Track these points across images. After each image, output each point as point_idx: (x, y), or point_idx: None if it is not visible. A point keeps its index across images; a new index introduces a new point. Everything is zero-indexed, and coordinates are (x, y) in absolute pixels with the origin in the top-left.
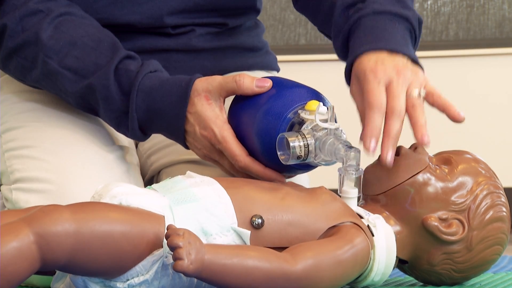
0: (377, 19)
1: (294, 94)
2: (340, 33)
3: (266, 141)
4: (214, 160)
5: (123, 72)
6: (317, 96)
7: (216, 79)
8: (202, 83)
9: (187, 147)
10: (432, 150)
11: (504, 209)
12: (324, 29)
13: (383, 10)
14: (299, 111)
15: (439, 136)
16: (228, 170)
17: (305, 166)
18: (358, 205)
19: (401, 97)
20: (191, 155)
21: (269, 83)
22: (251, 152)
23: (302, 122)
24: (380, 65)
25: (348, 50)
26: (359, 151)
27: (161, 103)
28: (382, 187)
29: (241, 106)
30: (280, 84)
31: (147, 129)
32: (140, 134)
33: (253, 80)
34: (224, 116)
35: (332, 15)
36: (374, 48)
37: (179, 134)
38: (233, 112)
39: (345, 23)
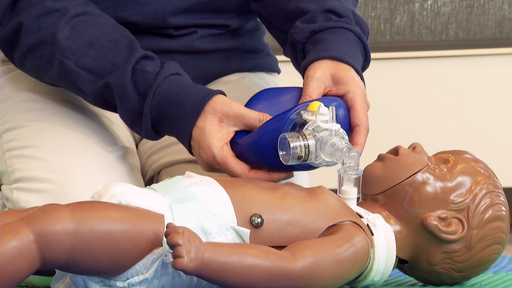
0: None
1: (296, 93)
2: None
3: (269, 141)
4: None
5: (140, 72)
6: (322, 96)
7: (239, 109)
8: (223, 106)
9: (193, 155)
10: (431, 150)
11: (503, 208)
12: (284, 28)
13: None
14: (302, 112)
15: (439, 136)
16: None
17: (308, 166)
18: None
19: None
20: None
21: None
22: (256, 153)
23: (304, 123)
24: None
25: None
26: (358, 152)
27: (174, 109)
28: (381, 186)
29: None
30: (285, 88)
31: (160, 130)
32: (153, 133)
33: None
34: (228, 139)
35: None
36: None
37: (185, 143)
38: None
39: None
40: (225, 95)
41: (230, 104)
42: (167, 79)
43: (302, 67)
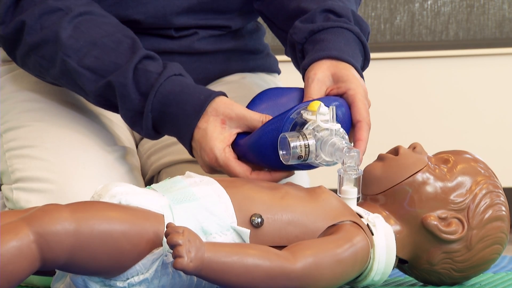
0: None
1: (298, 94)
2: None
3: (270, 141)
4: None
5: (142, 72)
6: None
7: (242, 111)
8: (226, 107)
9: (193, 156)
10: (431, 150)
11: (503, 208)
12: (285, 27)
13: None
14: (302, 111)
15: (439, 136)
16: None
17: (309, 165)
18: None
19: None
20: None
21: None
22: (256, 153)
23: (304, 122)
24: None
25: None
26: (358, 152)
27: (176, 109)
28: (381, 186)
29: (248, 107)
30: (288, 88)
31: (160, 129)
32: (153, 133)
33: None
34: (230, 141)
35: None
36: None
37: (186, 143)
38: None
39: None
40: (226, 96)
41: (232, 106)
42: (169, 79)
43: (302, 68)
